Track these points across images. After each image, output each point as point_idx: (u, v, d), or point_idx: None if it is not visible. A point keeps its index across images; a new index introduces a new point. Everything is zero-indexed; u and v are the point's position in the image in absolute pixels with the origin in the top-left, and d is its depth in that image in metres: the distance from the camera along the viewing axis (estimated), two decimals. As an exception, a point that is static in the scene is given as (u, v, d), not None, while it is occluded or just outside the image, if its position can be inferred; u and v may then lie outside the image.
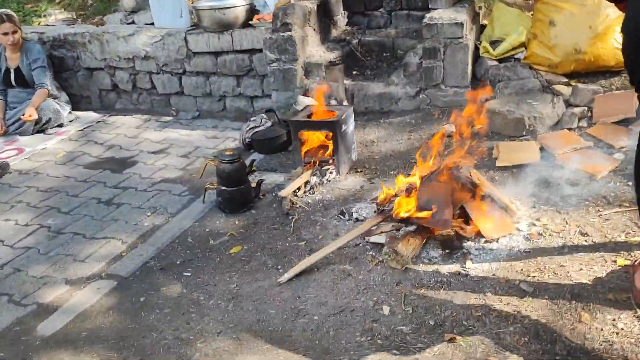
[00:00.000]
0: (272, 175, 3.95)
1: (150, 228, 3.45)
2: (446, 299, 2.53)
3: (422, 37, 4.88)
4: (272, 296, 2.69)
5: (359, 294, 2.64)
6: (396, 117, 4.53)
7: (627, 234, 2.80)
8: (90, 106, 5.98)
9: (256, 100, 5.27)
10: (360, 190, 3.62)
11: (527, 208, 3.15)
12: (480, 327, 2.33)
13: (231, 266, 2.99)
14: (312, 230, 3.25)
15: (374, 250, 2.97)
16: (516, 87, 4.13)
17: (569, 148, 3.55)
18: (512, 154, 3.62)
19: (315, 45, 4.92)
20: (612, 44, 4.09)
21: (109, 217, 3.65)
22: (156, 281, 2.91)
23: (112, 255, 3.20)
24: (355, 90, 4.55)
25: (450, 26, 4.13)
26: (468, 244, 2.89)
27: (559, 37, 4.15)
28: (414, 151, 4.00)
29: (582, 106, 3.90)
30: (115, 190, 4.03)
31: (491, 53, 4.47)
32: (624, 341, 2.16)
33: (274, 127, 4.37)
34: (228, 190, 3.48)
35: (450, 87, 4.35)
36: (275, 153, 4.32)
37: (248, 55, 5.08)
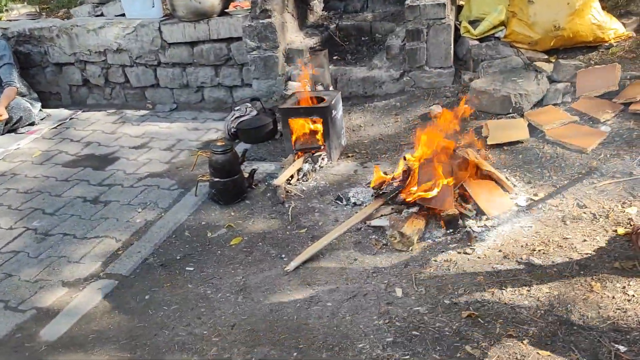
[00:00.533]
0: (263, 165, 3.89)
1: (143, 224, 3.36)
2: (457, 277, 2.55)
3: (400, 19, 4.89)
4: (281, 285, 2.66)
5: (369, 277, 2.63)
6: (381, 100, 4.52)
7: (623, 203, 2.87)
8: (61, 103, 5.78)
9: (235, 89, 5.18)
10: (354, 175, 3.60)
11: (523, 184, 3.19)
12: (495, 302, 2.35)
13: (234, 258, 2.94)
14: (311, 217, 3.22)
15: (377, 234, 2.97)
16: (499, 65, 4.17)
17: (556, 123, 3.61)
18: (502, 131, 3.65)
19: (295, 32, 4.86)
20: (589, 20, 4.16)
21: (97, 215, 3.54)
22: (159, 278, 2.84)
23: (107, 254, 3.11)
24: (338, 75, 4.52)
25: (433, 7, 4.12)
26: (470, 222, 2.91)
27: (538, 15, 4.19)
28: (403, 134, 4.02)
29: (564, 82, 3.96)
30: (100, 188, 3.91)
31: (472, 33, 4.49)
32: (637, 307, 2.21)
33: (259, 115, 4.30)
34: (222, 181, 3.42)
35: (434, 68, 4.36)
36: (262, 142, 4.26)
37: (226, 44, 4.98)
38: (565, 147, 3.42)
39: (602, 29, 4.19)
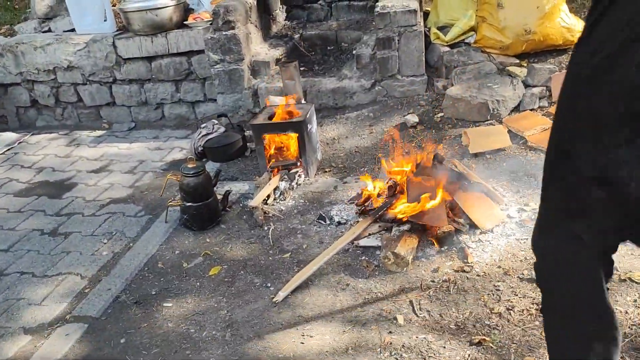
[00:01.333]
0: (235, 185, 3.67)
1: (111, 257, 3.08)
2: (459, 298, 2.40)
3: (367, 27, 4.78)
4: (271, 318, 2.45)
5: (365, 304, 2.45)
6: (352, 111, 4.37)
7: (617, 210, 2.79)
8: (7, 126, 5.38)
9: (198, 105, 4.93)
10: (335, 191, 3.43)
11: (511, 194, 3.09)
12: (504, 324, 2.21)
13: (215, 290, 2.71)
14: (294, 239, 3.02)
15: (367, 255, 2.80)
16: (473, 71, 4.09)
17: (537, 129, 3.54)
18: (483, 139, 3.56)
19: (259, 43, 4.67)
20: (559, 23, 4.13)
21: (58, 249, 3.23)
22: (134, 318, 2.57)
23: (73, 293, 2.82)
24: (307, 87, 4.34)
25: (404, 14, 4.01)
26: (464, 237, 2.78)
27: (508, 19, 4.14)
28: (379, 145, 3.88)
29: (540, 86, 3.91)
30: (59, 219, 3.59)
31: (442, 39, 4.41)
32: (652, 322, 2.11)
33: (227, 132, 4.08)
34: (194, 205, 3.18)
35: (406, 76, 4.24)
36: (232, 160, 4.04)
37: (186, 58, 4.73)
38: (549, 153, 3.35)
39: (572, 31, 4.17)
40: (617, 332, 1.52)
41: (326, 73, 4.61)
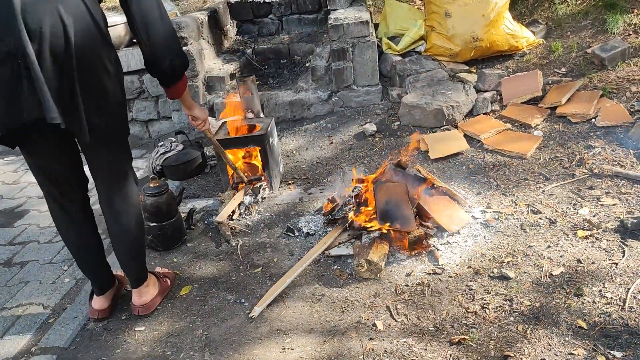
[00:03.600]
0: (198, 202, 3.61)
1: (74, 284, 2.97)
2: (434, 300, 2.44)
3: (319, 40, 4.83)
4: (249, 334, 2.41)
5: (343, 313, 2.46)
6: (311, 123, 4.39)
7: (574, 205, 2.92)
8: (-53, 154, 5.11)
9: (152, 124, 4.84)
10: (300, 202, 3.43)
11: (473, 195, 3.17)
12: (481, 322, 2.26)
13: (187, 310, 2.65)
14: (264, 254, 3.00)
15: (338, 264, 2.81)
16: (426, 79, 4.19)
17: (491, 132, 3.66)
18: (441, 144, 3.64)
19: (212, 59, 4.63)
20: (503, 30, 4.31)
21: (15, 280, 3.09)
22: (106, 345, 2.48)
23: (36, 324, 2.69)
24: (264, 101, 4.34)
25: (357, 25, 4.08)
26: (432, 240, 2.83)
27: (456, 27, 4.28)
28: (340, 155, 3.91)
29: (490, 90, 4.05)
30: (12, 248, 3.43)
31: (394, 48, 4.51)
32: (618, 310, 2.21)
33: (186, 149, 4.02)
34: (159, 225, 3.10)
35: (361, 86, 4.30)
36: (192, 177, 3.97)
37: (137, 76, 4.64)
38: (505, 154, 3.47)
39: (516, 37, 4.36)
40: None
41: (282, 86, 4.63)
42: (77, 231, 2.46)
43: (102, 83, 2.05)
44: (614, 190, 2.97)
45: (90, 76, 1.99)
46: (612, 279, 2.37)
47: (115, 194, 2.38)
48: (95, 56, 1.98)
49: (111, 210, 2.41)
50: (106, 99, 2.09)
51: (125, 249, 2.51)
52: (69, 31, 1.86)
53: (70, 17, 1.88)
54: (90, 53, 1.95)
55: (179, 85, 2.40)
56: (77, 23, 1.89)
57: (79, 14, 1.91)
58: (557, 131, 3.61)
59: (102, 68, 2.02)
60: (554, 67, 4.26)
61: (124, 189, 2.40)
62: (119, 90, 2.16)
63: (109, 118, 2.15)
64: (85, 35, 1.91)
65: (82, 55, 1.92)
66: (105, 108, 2.10)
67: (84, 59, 1.94)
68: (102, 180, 2.37)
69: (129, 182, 2.42)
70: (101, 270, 2.59)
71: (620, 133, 3.44)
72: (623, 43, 4.08)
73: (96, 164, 2.32)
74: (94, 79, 2.01)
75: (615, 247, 2.56)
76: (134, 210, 2.46)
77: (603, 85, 3.88)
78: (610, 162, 3.20)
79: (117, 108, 2.18)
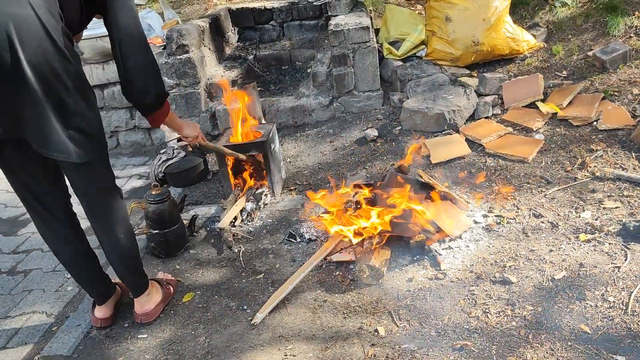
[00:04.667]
0: (200, 208, 3.62)
1: (77, 292, 2.98)
2: (436, 305, 2.44)
3: (320, 46, 4.84)
4: (251, 341, 2.41)
5: (345, 319, 2.46)
6: (312, 128, 4.40)
7: (577, 208, 2.91)
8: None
9: (154, 131, 4.85)
10: (302, 208, 3.43)
11: (475, 200, 3.17)
12: (483, 327, 2.26)
13: (190, 317, 2.65)
14: (266, 260, 3.00)
15: (340, 270, 2.81)
16: (427, 83, 4.20)
17: (493, 136, 3.66)
18: (443, 149, 3.64)
19: (214, 66, 4.65)
20: (504, 34, 4.31)
21: (19, 288, 3.10)
22: (108, 352, 2.48)
23: (39, 332, 2.70)
24: (265, 107, 4.35)
25: (357, 31, 4.09)
26: (434, 245, 2.83)
27: (457, 32, 4.29)
28: (342, 160, 3.92)
29: (492, 94, 4.05)
30: (16, 256, 3.45)
31: (395, 54, 4.51)
32: (620, 314, 2.20)
33: (188, 156, 4.03)
34: (161, 232, 3.11)
35: (363, 92, 4.31)
36: (194, 184, 3.98)
37: (140, 84, 4.65)
38: (507, 158, 3.47)
39: (516, 41, 4.36)
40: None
41: (283, 92, 4.64)
42: (66, 247, 2.45)
43: (61, 98, 1.98)
44: (616, 194, 2.96)
45: (47, 91, 1.94)
46: (615, 283, 2.36)
47: (99, 209, 2.36)
48: (49, 71, 1.92)
49: (98, 225, 2.41)
50: (66, 114, 2.01)
51: (119, 261, 2.51)
52: (15, 45, 1.84)
53: (21, 31, 1.85)
54: (43, 67, 1.90)
55: (157, 115, 2.33)
56: (27, 38, 1.86)
57: (31, 29, 1.87)
58: (559, 134, 3.60)
59: (58, 83, 1.96)
60: (555, 71, 4.25)
61: (108, 203, 2.36)
62: (82, 105, 2.05)
63: (74, 133, 2.05)
64: (37, 50, 1.88)
65: (34, 69, 1.88)
66: (67, 123, 2.02)
67: (36, 74, 1.89)
68: (83, 197, 2.32)
69: (112, 196, 2.37)
70: (97, 282, 2.60)
71: (622, 136, 3.43)
72: (624, 45, 4.08)
73: (73, 181, 2.26)
74: (52, 95, 1.95)
75: (617, 250, 2.56)
76: (122, 222, 2.44)
77: (604, 88, 3.87)
78: (612, 165, 3.20)
79: (81, 123, 2.06)
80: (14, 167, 2.20)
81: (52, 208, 2.34)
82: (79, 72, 2.06)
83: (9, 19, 1.84)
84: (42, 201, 2.30)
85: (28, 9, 1.87)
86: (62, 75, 1.96)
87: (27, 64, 1.87)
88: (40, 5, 1.90)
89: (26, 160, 2.18)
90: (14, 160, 2.17)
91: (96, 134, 2.16)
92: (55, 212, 2.35)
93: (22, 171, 2.21)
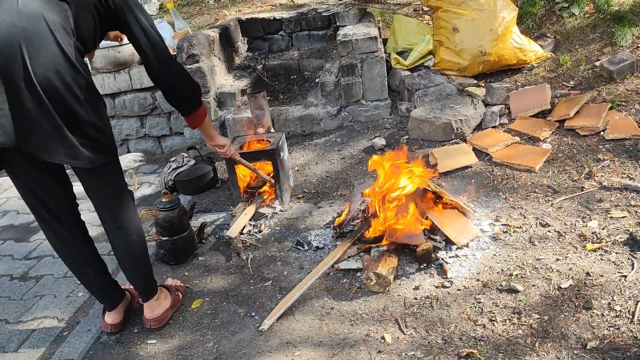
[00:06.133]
0: (209, 216, 3.66)
1: (87, 298, 3.02)
2: (442, 313, 2.45)
3: (328, 56, 4.89)
4: (259, 347, 2.44)
5: (352, 326, 2.48)
6: (320, 137, 4.44)
7: (583, 218, 2.93)
8: (-35, 171, 5.21)
9: (164, 139, 4.92)
10: (310, 216, 3.46)
11: (482, 209, 3.19)
12: (489, 335, 2.27)
13: (199, 323, 2.68)
14: (274, 267, 3.03)
15: (348, 277, 2.83)
16: (435, 93, 4.23)
17: (500, 145, 3.67)
18: (450, 158, 3.66)
19: (223, 75, 4.71)
20: (511, 44, 4.33)
21: (30, 294, 3.15)
22: (118, 357, 2.52)
23: (50, 337, 2.74)
24: (274, 116, 4.40)
25: (365, 41, 4.13)
26: (441, 253, 2.85)
27: (464, 42, 4.32)
28: (350, 168, 3.95)
29: (499, 104, 4.07)
30: (28, 262, 3.50)
31: (403, 63, 4.55)
32: (627, 323, 2.21)
33: (198, 164, 4.08)
34: (171, 239, 3.16)
35: (370, 101, 4.35)
36: (203, 192, 4.03)
37: (150, 93, 4.73)
38: (514, 167, 3.48)
39: (524, 51, 4.38)
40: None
41: (292, 101, 4.68)
42: (74, 254, 2.50)
43: (72, 109, 2.06)
44: (623, 203, 2.97)
45: (58, 103, 2.02)
46: (621, 292, 2.37)
47: (111, 211, 2.45)
48: (61, 84, 2.00)
49: (111, 226, 2.47)
50: (77, 123, 2.09)
51: (130, 263, 2.57)
52: (25, 56, 1.91)
53: (33, 45, 1.93)
54: (55, 80, 1.99)
55: (196, 116, 2.57)
56: (40, 51, 1.94)
57: (44, 44, 1.96)
58: (566, 144, 3.62)
59: (70, 94, 2.04)
60: (562, 81, 4.27)
61: (120, 205, 2.45)
62: (92, 114, 2.14)
63: (85, 141, 2.14)
64: (50, 64, 1.97)
65: (44, 81, 1.96)
66: (78, 132, 2.10)
67: (48, 86, 1.97)
68: (96, 200, 2.43)
69: (124, 198, 2.47)
70: (107, 288, 2.64)
71: (629, 145, 3.44)
72: (631, 56, 4.10)
73: (87, 185, 2.38)
74: (63, 106, 2.04)
75: (624, 259, 2.56)
76: (134, 224, 2.52)
77: (612, 98, 3.89)
78: (619, 174, 3.21)
79: (91, 131, 2.15)
80: (21, 175, 2.26)
81: (60, 215, 2.39)
82: (89, 83, 2.16)
83: (22, 33, 1.93)
84: (49, 209, 2.35)
85: (42, 25, 1.96)
86: (74, 87, 2.05)
87: (40, 76, 1.95)
88: (55, 21, 2.00)
89: (33, 169, 2.23)
90: (21, 168, 2.23)
91: (106, 141, 2.26)
92: (62, 219, 2.41)
93: (29, 180, 2.26)
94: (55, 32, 1.98)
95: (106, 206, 2.44)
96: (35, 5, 1.97)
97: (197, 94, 2.54)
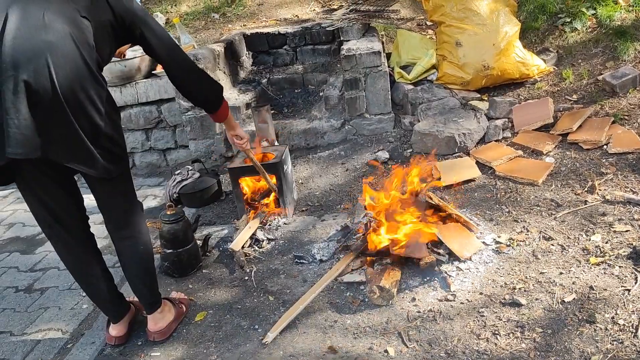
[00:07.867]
0: (213, 229, 3.68)
1: (92, 310, 3.04)
2: (446, 327, 2.46)
3: (332, 70, 4.94)
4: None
5: (355, 339, 2.48)
6: (324, 150, 4.47)
7: (587, 232, 2.93)
8: (-29, 183, 5.25)
9: (169, 152, 4.95)
10: (313, 229, 3.47)
11: (485, 222, 3.20)
12: (493, 349, 2.27)
13: (202, 335, 2.69)
14: (277, 280, 3.04)
15: (351, 290, 2.84)
16: (438, 107, 4.25)
17: (503, 159, 3.69)
18: (453, 172, 3.68)
19: (228, 89, 4.75)
20: (514, 58, 4.37)
21: (35, 306, 3.17)
22: (122, 370, 2.53)
23: (55, 349, 2.76)
24: (278, 129, 4.43)
25: (369, 55, 4.17)
26: (444, 267, 2.85)
27: (467, 56, 4.35)
28: (354, 182, 3.97)
29: (502, 118, 4.09)
30: (33, 274, 3.52)
31: (406, 77, 4.59)
32: (630, 337, 2.20)
33: (202, 177, 4.10)
34: (175, 252, 3.17)
35: (374, 115, 4.38)
36: (208, 205, 4.05)
37: (156, 107, 4.78)
38: (517, 181, 3.50)
39: (526, 65, 4.41)
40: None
41: (296, 115, 4.72)
42: (82, 266, 2.53)
43: (93, 120, 2.11)
44: (626, 217, 2.97)
45: (81, 114, 2.06)
46: (625, 306, 2.37)
47: (121, 221, 2.50)
48: (85, 96, 2.06)
49: (120, 236, 2.52)
50: (96, 134, 2.13)
51: (136, 274, 2.60)
52: (51, 68, 1.96)
53: (59, 59, 1.98)
54: (79, 93, 2.04)
55: (218, 113, 2.67)
56: (65, 65, 1.99)
57: (70, 57, 2.01)
58: (569, 158, 3.63)
59: (92, 106, 2.09)
60: (565, 95, 4.30)
61: (132, 215, 2.51)
62: (110, 126, 2.20)
63: (102, 152, 2.19)
64: (76, 77, 2.02)
65: (69, 92, 2.00)
66: (96, 142, 2.15)
67: (72, 98, 2.02)
68: (106, 210, 2.48)
69: (134, 209, 2.54)
70: (112, 301, 2.65)
71: (632, 159, 3.45)
72: (634, 70, 4.12)
73: (99, 195, 2.44)
74: (85, 117, 2.08)
75: (627, 273, 2.56)
76: (143, 235, 2.56)
77: (614, 112, 3.90)
78: (623, 188, 3.21)
79: (108, 143, 2.21)
80: (33, 186, 2.28)
81: (70, 227, 2.42)
82: (109, 96, 2.24)
83: (48, 46, 1.97)
84: (60, 220, 2.38)
85: (68, 39, 2.02)
86: (96, 100, 2.11)
87: (65, 89, 1.99)
88: (78, 36, 2.06)
89: (46, 180, 2.26)
90: (34, 179, 2.25)
91: (120, 152, 2.34)
92: (73, 231, 2.44)
93: (42, 191, 2.29)
94: (80, 46, 2.05)
95: (117, 216, 2.48)
96: (61, 20, 2.03)
97: (219, 93, 2.62)
